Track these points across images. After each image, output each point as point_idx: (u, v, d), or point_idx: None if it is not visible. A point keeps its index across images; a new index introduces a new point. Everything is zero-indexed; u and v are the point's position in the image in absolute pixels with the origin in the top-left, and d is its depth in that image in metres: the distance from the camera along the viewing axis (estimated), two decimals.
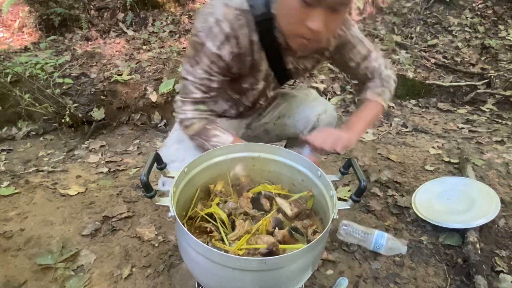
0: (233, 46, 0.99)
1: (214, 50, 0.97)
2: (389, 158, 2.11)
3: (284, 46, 1.04)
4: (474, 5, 3.80)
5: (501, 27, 3.60)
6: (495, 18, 3.67)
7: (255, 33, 1.00)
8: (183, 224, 0.84)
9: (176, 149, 1.13)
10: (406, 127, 2.54)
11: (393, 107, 2.84)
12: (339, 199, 0.83)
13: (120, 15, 3.42)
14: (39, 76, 2.41)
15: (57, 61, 2.60)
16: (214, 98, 1.07)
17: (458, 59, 3.30)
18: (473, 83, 3.00)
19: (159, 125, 2.52)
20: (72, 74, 2.55)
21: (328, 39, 1.11)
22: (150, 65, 2.70)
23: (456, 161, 2.08)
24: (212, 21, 0.95)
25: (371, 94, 1.19)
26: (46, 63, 2.54)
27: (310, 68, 1.22)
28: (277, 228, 0.91)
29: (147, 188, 0.76)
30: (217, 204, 0.97)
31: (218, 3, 0.97)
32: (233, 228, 0.91)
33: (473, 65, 3.24)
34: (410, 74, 3.02)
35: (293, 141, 1.44)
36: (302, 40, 0.92)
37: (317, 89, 2.69)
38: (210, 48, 0.97)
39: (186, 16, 3.48)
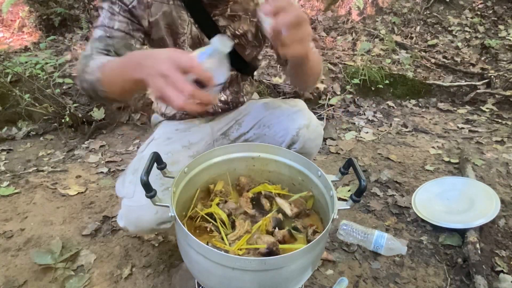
0: None
1: None
2: (389, 158, 2.11)
3: (204, 1, 0.97)
4: (474, 5, 3.81)
5: (501, 27, 3.60)
6: (495, 18, 3.68)
7: None
8: (183, 224, 0.84)
9: (129, 182, 1.07)
10: (406, 127, 2.54)
11: (393, 107, 2.85)
12: (339, 199, 0.83)
13: None
14: (39, 76, 2.41)
15: (57, 61, 2.59)
16: (120, 41, 0.94)
17: (458, 59, 3.31)
18: (473, 83, 3.00)
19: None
20: (72, 74, 2.54)
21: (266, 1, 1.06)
22: None
23: (456, 161, 2.08)
24: None
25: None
26: (46, 63, 2.54)
27: (253, 37, 1.11)
28: (277, 228, 0.91)
29: (147, 188, 0.76)
30: (217, 204, 0.97)
31: None
32: (233, 228, 0.92)
33: (473, 65, 3.24)
34: (410, 74, 3.02)
35: None
36: None
37: (317, 89, 2.69)
38: None
39: None
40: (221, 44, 0.67)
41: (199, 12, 1.01)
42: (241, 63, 1.17)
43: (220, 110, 1.25)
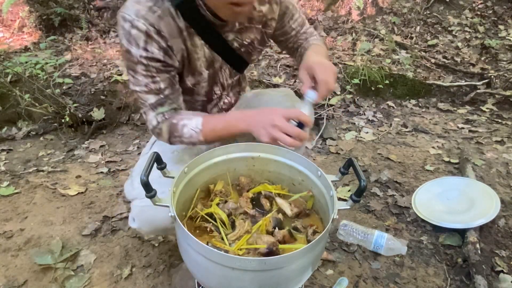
0: (159, 42, 0.92)
1: (142, 53, 0.92)
2: (389, 158, 2.11)
3: (217, 22, 0.99)
4: (474, 5, 3.80)
5: (501, 27, 3.60)
6: (495, 18, 3.67)
7: (179, 19, 0.94)
8: (183, 224, 0.84)
9: (138, 183, 1.07)
10: (406, 127, 2.54)
11: (393, 107, 2.85)
12: (339, 199, 0.83)
13: None
14: (39, 76, 2.41)
15: (57, 61, 2.59)
16: (173, 94, 1.01)
17: (458, 59, 3.30)
18: (473, 83, 3.00)
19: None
20: (72, 74, 2.54)
21: (269, 8, 1.09)
22: None
23: (456, 161, 2.08)
24: (127, 25, 0.90)
25: (314, 40, 1.19)
26: (46, 63, 2.54)
27: (258, 43, 1.15)
28: (277, 228, 0.91)
29: (147, 188, 0.76)
30: (217, 204, 0.97)
31: (129, 2, 0.92)
32: (233, 228, 0.91)
33: (473, 65, 3.24)
34: (410, 74, 3.02)
35: None
36: (233, 7, 0.88)
37: None
38: (136, 53, 0.92)
39: None
40: (309, 96, 0.96)
41: (211, 35, 1.02)
42: (244, 67, 1.20)
43: (224, 112, 1.26)
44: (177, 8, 0.93)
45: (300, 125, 0.90)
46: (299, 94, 1.27)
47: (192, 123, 0.98)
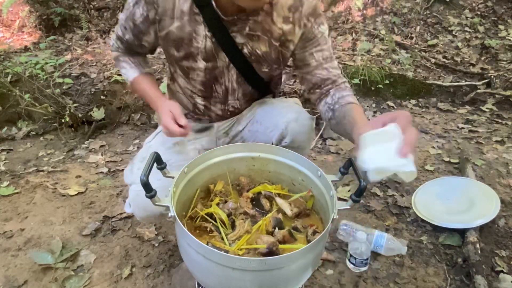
0: (147, 10, 1.00)
1: (131, 6, 1.03)
2: None
3: (226, 18, 0.99)
4: (474, 5, 3.80)
5: (501, 27, 3.60)
6: (495, 18, 3.67)
7: (186, 1, 0.98)
8: (183, 224, 0.84)
9: (137, 168, 1.11)
10: None
11: (393, 107, 2.84)
12: (339, 199, 0.83)
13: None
14: (39, 76, 2.41)
15: (57, 61, 2.59)
16: (129, 48, 1.16)
17: (458, 59, 3.30)
18: (473, 83, 3.00)
19: (159, 125, 2.52)
20: (72, 74, 2.54)
21: (291, 29, 1.04)
22: None
23: (456, 161, 2.08)
24: None
25: (353, 99, 1.08)
26: (46, 63, 2.54)
27: (273, 61, 1.11)
28: (277, 228, 0.91)
29: (147, 188, 0.76)
30: (217, 204, 0.97)
31: None
32: (233, 228, 0.92)
33: (473, 65, 3.24)
34: (410, 74, 3.02)
35: None
36: None
37: None
38: (129, 2, 1.04)
39: None
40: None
41: (217, 28, 1.01)
42: (258, 80, 1.17)
43: (229, 113, 1.25)
44: None
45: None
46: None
47: (127, 72, 1.19)
